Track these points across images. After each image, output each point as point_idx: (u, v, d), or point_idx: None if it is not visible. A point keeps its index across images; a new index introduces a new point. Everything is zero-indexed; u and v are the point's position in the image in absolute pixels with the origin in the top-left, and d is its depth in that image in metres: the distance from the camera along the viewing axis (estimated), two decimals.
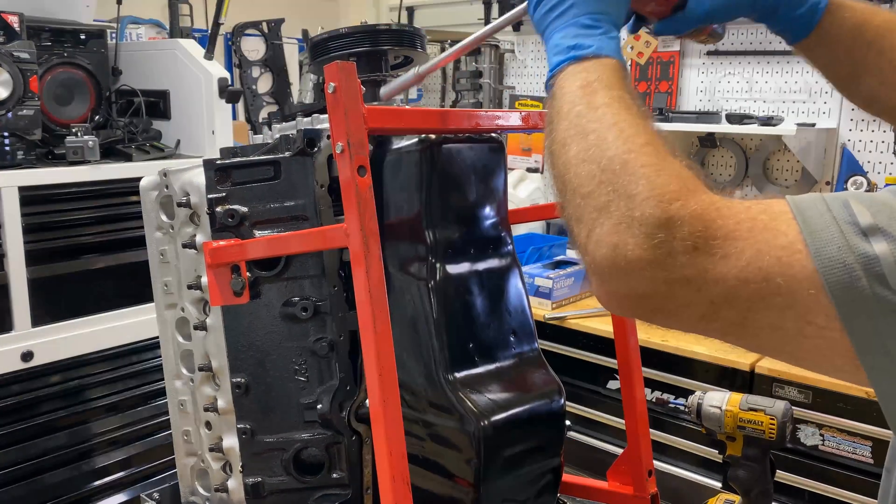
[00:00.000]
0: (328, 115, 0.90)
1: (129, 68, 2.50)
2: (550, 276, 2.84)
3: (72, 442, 2.15)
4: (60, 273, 2.10)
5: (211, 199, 1.09)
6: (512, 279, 1.16)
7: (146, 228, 1.23)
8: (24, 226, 1.98)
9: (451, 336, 1.05)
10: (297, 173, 1.07)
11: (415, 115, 1.01)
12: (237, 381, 1.12)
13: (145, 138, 2.41)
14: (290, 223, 1.08)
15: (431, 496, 1.09)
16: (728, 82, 3.02)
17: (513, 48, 3.69)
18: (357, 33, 1.15)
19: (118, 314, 2.20)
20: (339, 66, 0.88)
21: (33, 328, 2.02)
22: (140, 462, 2.28)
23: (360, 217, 0.88)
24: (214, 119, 2.38)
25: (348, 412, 1.09)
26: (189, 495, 1.27)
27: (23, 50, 1.97)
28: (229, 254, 1.07)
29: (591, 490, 1.30)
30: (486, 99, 3.68)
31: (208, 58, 2.39)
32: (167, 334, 1.24)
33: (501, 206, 1.17)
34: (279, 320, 1.10)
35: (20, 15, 2.02)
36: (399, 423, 0.90)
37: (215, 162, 1.10)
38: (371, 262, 0.89)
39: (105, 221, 2.20)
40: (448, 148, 1.08)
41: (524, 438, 1.09)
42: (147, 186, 1.21)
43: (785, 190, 2.92)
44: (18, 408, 2.05)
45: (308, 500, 1.13)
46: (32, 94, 1.99)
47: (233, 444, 1.15)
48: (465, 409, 1.02)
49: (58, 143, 2.16)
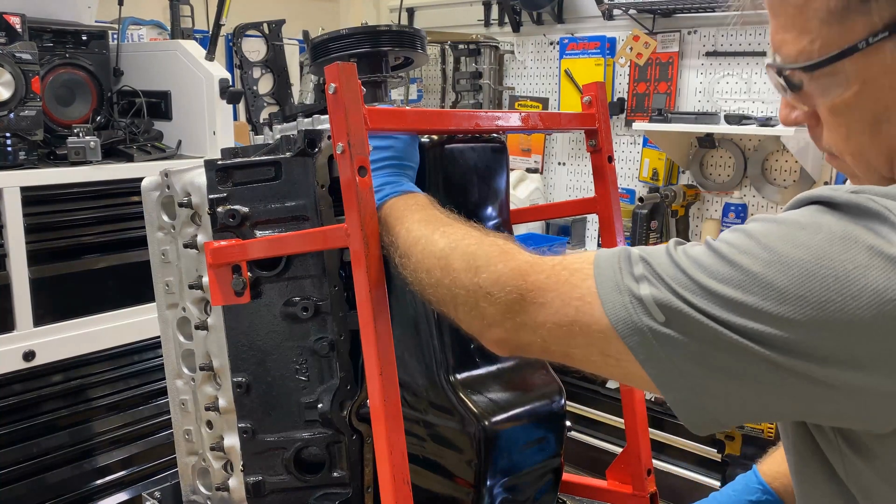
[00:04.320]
0: (329, 115, 0.90)
1: (131, 69, 2.51)
2: None
3: (73, 441, 2.15)
4: (62, 273, 2.10)
5: (212, 199, 1.09)
6: None
7: (147, 228, 1.23)
8: (26, 226, 1.99)
9: (452, 337, 1.05)
10: (298, 174, 1.07)
11: (415, 115, 1.02)
12: (238, 380, 1.13)
13: (147, 139, 2.41)
14: (291, 223, 1.09)
15: (432, 496, 1.09)
16: (727, 83, 3.03)
17: (512, 49, 3.69)
18: (357, 34, 1.16)
19: (120, 314, 2.21)
20: (340, 67, 0.88)
21: (35, 328, 2.02)
22: (141, 461, 2.29)
23: (361, 217, 0.89)
24: (215, 120, 2.39)
25: (349, 411, 1.10)
26: (190, 494, 1.27)
27: (25, 51, 1.98)
28: (230, 254, 1.07)
29: (591, 489, 1.30)
30: (486, 100, 3.68)
31: (209, 59, 2.40)
32: (168, 334, 1.24)
33: (503, 206, 1.17)
34: (280, 320, 1.10)
35: (22, 16, 2.03)
36: (400, 423, 0.91)
37: (216, 162, 1.10)
38: (371, 262, 0.89)
39: (106, 221, 2.20)
40: (451, 148, 1.09)
41: (525, 439, 1.09)
42: (148, 187, 1.21)
43: (783, 190, 2.93)
44: (20, 407, 2.05)
45: (309, 499, 1.14)
46: (34, 94, 1.99)
47: (234, 443, 1.16)
48: (466, 409, 1.03)
49: (59, 144, 2.17)
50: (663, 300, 0.66)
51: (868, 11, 0.65)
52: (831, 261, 0.60)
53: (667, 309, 0.65)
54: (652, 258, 0.69)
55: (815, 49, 0.69)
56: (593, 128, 1.23)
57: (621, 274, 0.69)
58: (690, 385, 0.66)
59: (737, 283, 0.63)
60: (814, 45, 0.69)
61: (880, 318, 0.59)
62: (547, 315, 0.73)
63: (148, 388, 2.31)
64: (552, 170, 3.66)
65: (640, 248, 0.72)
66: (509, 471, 1.08)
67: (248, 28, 2.50)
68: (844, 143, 0.73)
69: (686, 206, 3.09)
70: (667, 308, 0.65)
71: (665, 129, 2.96)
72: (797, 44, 0.70)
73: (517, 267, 0.77)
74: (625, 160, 3.37)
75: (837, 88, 0.69)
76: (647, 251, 0.70)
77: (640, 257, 0.70)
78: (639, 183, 3.32)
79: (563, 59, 3.46)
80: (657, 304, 0.66)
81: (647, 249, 0.71)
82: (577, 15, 3.47)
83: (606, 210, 1.25)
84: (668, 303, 0.65)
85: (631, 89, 3.30)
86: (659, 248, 0.70)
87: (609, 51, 3.34)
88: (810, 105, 0.74)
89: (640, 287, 0.67)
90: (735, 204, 2.91)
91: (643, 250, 0.71)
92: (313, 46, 1.18)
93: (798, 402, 0.64)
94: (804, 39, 0.69)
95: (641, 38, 3.19)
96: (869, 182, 0.74)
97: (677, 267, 0.67)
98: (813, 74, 0.70)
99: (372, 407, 0.90)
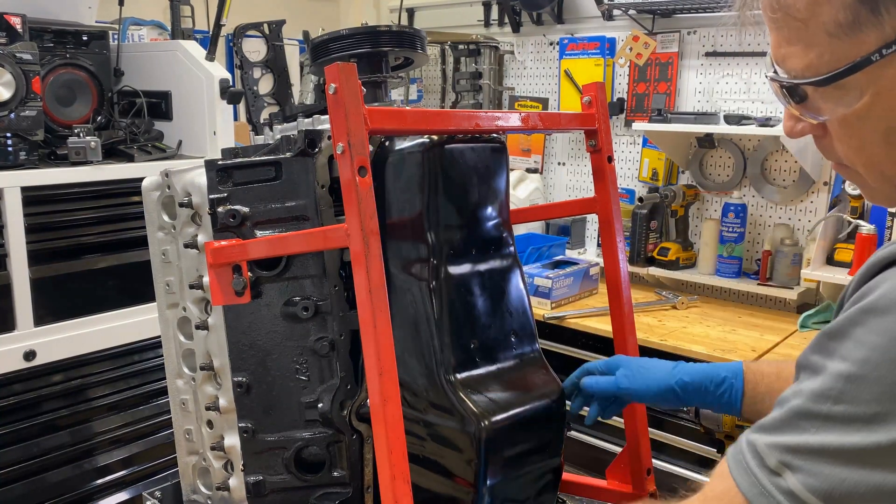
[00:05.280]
0: (329, 115, 0.90)
1: (131, 69, 2.51)
2: (550, 276, 2.84)
3: (74, 441, 2.15)
4: (63, 273, 2.11)
5: (212, 199, 1.09)
6: (513, 280, 1.17)
7: (148, 228, 1.23)
8: (27, 226, 1.99)
9: (452, 337, 1.05)
10: (299, 174, 1.08)
11: (415, 115, 1.02)
12: (238, 380, 1.13)
13: (147, 139, 2.42)
14: (291, 223, 1.09)
15: (432, 495, 1.09)
16: (726, 83, 3.03)
17: (512, 49, 3.69)
18: (358, 35, 1.16)
19: (120, 314, 2.21)
20: (340, 67, 0.88)
21: (36, 328, 2.03)
22: (142, 461, 2.29)
23: (361, 217, 0.89)
24: (216, 120, 2.39)
25: (349, 411, 1.10)
26: (191, 493, 1.27)
27: (25, 51, 1.98)
28: (231, 254, 1.07)
29: (591, 489, 1.30)
30: (486, 100, 3.68)
31: (210, 59, 2.40)
32: (169, 333, 1.25)
33: (503, 206, 1.17)
34: (280, 320, 1.10)
35: (23, 16, 2.03)
36: (400, 423, 0.91)
37: (217, 162, 1.10)
38: (371, 262, 0.90)
39: (107, 221, 2.20)
40: (450, 149, 1.09)
41: (525, 439, 1.09)
42: (149, 187, 1.21)
43: (783, 190, 2.93)
44: (21, 407, 2.05)
45: (309, 499, 1.14)
46: (35, 94, 2.00)
47: (234, 443, 1.16)
48: (466, 409, 1.03)
49: (60, 144, 2.17)
50: (814, 486, 0.62)
51: (880, 23, 0.63)
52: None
53: (821, 494, 0.62)
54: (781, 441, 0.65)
55: (824, 63, 0.66)
56: (593, 128, 1.23)
57: (759, 471, 0.65)
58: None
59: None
60: (822, 58, 0.66)
61: None
62: None
63: (148, 387, 2.31)
64: (552, 170, 3.66)
65: (760, 434, 0.68)
66: (509, 470, 1.08)
67: (249, 28, 2.51)
68: (857, 155, 0.71)
69: (686, 206, 3.09)
70: (821, 493, 0.62)
71: (665, 129, 2.96)
72: (804, 58, 0.68)
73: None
74: (624, 160, 3.37)
75: (848, 101, 0.67)
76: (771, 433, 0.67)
77: (767, 445, 0.66)
78: (638, 183, 3.32)
79: (563, 59, 3.47)
80: (810, 491, 0.62)
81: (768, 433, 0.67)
82: (576, 15, 3.47)
83: (606, 210, 1.25)
84: (821, 488, 0.62)
85: (630, 89, 3.30)
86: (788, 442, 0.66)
87: (609, 51, 3.34)
88: (817, 117, 0.71)
89: (785, 480, 0.64)
90: (734, 204, 2.91)
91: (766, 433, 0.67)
92: (314, 47, 1.19)
93: None
94: (811, 53, 0.67)
95: (641, 38, 3.20)
96: (881, 191, 0.73)
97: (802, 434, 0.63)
98: (821, 88, 0.68)
99: (372, 407, 0.91)
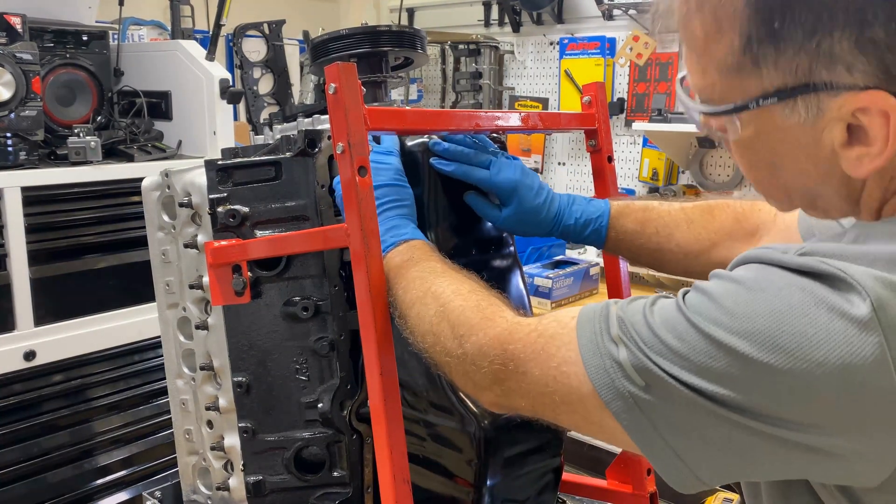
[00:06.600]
0: (329, 115, 0.90)
1: (131, 69, 2.51)
2: (550, 276, 2.84)
3: (74, 441, 2.15)
4: (63, 273, 2.10)
5: (212, 199, 1.09)
6: (513, 280, 1.17)
7: (148, 228, 1.23)
8: (27, 226, 1.99)
9: None
10: (298, 174, 1.08)
11: (415, 115, 1.02)
12: (238, 380, 1.13)
13: (147, 139, 2.41)
14: (291, 223, 1.09)
15: (432, 495, 1.09)
16: None
17: (512, 49, 3.69)
18: (357, 35, 1.16)
19: (120, 314, 2.21)
20: (340, 67, 0.88)
21: (35, 328, 2.03)
22: (142, 461, 2.29)
23: (361, 217, 0.89)
24: (216, 120, 2.39)
25: (349, 411, 1.10)
26: (191, 494, 1.27)
27: (25, 51, 1.98)
28: (231, 254, 1.07)
29: (591, 488, 1.30)
30: (486, 100, 3.68)
31: (210, 59, 2.40)
32: (169, 334, 1.25)
33: None
34: (280, 320, 1.10)
35: (22, 16, 2.03)
36: (400, 423, 0.91)
37: (217, 162, 1.10)
38: (371, 262, 0.90)
39: (107, 221, 2.20)
40: None
41: (525, 439, 1.09)
42: (149, 187, 1.21)
43: None
44: (21, 407, 2.05)
45: (309, 499, 1.14)
46: (35, 94, 2.00)
47: (234, 443, 1.16)
48: (466, 409, 1.03)
49: (60, 144, 2.17)
50: (641, 365, 0.65)
51: (760, 76, 0.66)
52: (792, 327, 0.60)
53: (645, 374, 0.65)
54: (628, 317, 0.69)
55: (716, 93, 0.70)
56: (593, 128, 1.23)
57: (601, 336, 0.69)
58: (674, 450, 0.66)
59: (706, 352, 0.63)
60: (714, 88, 0.70)
61: (845, 384, 0.59)
62: (529, 384, 0.74)
63: (148, 387, 2.31)
64: (552, 170, 3.66)
65: (619, 306, 0.71)
66: (509, 470, 1.08)
67: (249, 28, 2.51)
68: (746, 173, 0.75)
69: None
70: (645, 373, 0.65)
71: (665, 129, 2.96)
72: (700, 81, 0.72)
73: (497, 336, 0.77)
74: (625, 160, 3.37)
75: (735, 129, 0.70)
76: (625, 309, 0.70)
77: (617, 317, 0.69)
78: (638, 183, 3.32)
79: (563, 59, 3.47)
80: (635, 368, 0.66)
81: (625, 307, 0.71)
82: (576, 15, 3.47)
83: None
84: (647, 368, 0.65)
85: (631, 89, 3.30)
86: (636, 306, 0.70)
87: (609, 51, 3.34)
88: (716, 131, 0.75)
89: (618, 351, 0.67)
90: None
91: (622, 308, 0.70)
92: (313, 46, 1.19)
93: (778, 464, 0.64)
94: (707, 80, 0.71)
95: (641, 38, 3.19)
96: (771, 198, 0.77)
97: (651, 330, 0.66)
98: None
99: (372, 407, 0.91)
